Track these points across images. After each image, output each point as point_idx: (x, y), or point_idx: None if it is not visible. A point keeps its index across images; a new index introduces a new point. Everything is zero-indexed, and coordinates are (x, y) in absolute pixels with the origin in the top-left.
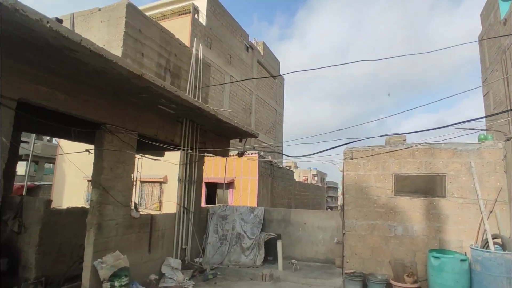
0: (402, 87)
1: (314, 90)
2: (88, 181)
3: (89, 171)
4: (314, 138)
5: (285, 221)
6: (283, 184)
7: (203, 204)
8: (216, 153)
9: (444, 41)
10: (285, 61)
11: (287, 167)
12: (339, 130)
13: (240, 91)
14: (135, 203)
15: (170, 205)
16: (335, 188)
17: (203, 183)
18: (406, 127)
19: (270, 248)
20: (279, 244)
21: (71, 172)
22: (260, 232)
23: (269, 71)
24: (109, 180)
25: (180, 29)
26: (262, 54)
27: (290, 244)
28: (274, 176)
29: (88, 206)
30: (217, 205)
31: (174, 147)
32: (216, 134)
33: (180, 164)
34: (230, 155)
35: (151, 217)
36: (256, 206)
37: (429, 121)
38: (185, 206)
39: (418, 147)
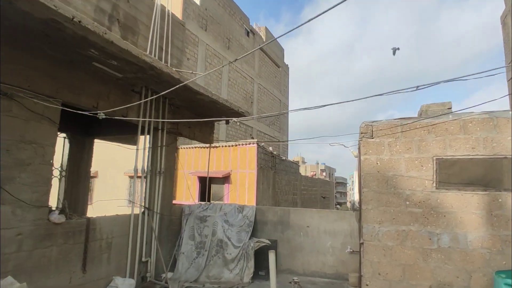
0: (410, 81)
1: (322, 87)
2: None
3: None
4: (322, 134)
5: (282, 224)
6: (287, 178)
7: (196, 201)
8: (195, 137)
9: (453, 36)
10: (291, 58)
11: (295, 162)
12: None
13: (240, 79)
14: (63, 203)
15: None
16: (343, 184)
17: (197, 177)
18: None
19: (262, 260)
20: (271, 257)
21: None
22: (250, 239)
23: (272, 58)
24: (5, 168)
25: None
26: (264, 40)
27: (290, 254)
28: (276, 169)
29: None
30: (196, 203)
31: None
32: (196, 114)
33: (137, 149)
34: (216, 141)
35: (87, 221)
36: (255, 203)
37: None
38: (147, 206)
39: (473, 117)
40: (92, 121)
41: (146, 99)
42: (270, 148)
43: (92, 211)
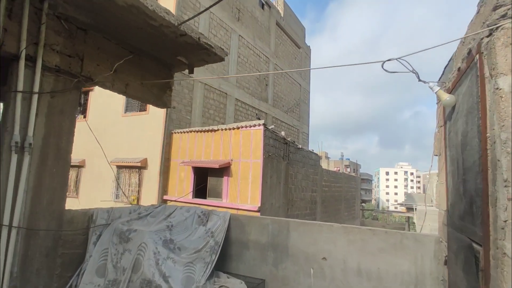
0: (435, 76)
1: (346, 84)
2: None
3: None
4: (345, 129)
5: (276, 248)
6: (305, 172)
7: (190, 199)
8: (129, 93)
9: None
10: (316, 55)
11: (314, 152)
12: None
13: (253, 57)
14: None
15: (150, 197)
16: (369, 180)
17: (191, 168)
18: None
19: None
20: None
21: None
22: (211, 277)
23: (291, 37)
24: None
25: None
26: (282, 15)
27: None
28: (290, 159)
29: None
30: (118, 206)
31: None
32: (128, 50)
33: None
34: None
35: None
36: (259, 201)
37: None
38: None
39: None
40: None
41: None
42: (283, 133)
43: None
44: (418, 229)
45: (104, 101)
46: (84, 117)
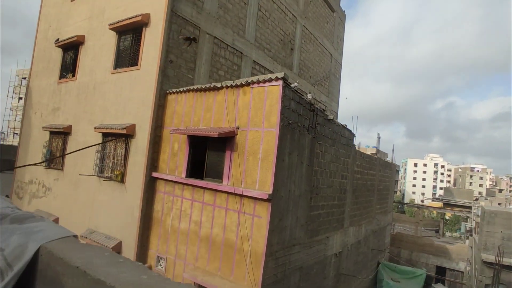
0: (471, 68)
1: (375, 72)
2: (50, 132)
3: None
4: (373, 119)
5: None
6: (335, 152)
7: (184, 178)
8: None
9: None
10: (346, 41)
11: (348, 128)
12: None
13: (277, 13)
14: None
15: (136, 173)
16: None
17: (187, 138)
18: (479, 110)
19: None
20: None
21: (37, 123)
22: None
23: None
24: None
25: None
26: None
27: None
28: (317, 133)
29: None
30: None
31: None
32: None
33: None
34: None
35: None
36: (271, 187)
37: (506, 105)
38: None
39: None
40: None
41: None
42: (309, 96)
43: (61, 182)
44: (486, 236)
45: (94, 56)
46: (73, 76)
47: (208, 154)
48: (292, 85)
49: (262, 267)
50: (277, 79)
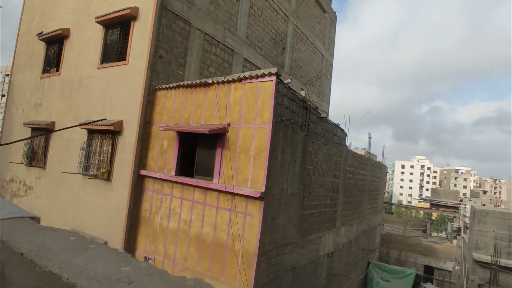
0: (455, 74)
1: (363, 75)
2: (32, 128)
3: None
4: (361, 122)
5: None
6: (327, 151)
7: (173, 176)
8: None
9: (506, 32)
10: (336, 44)
11: (340, 127)
12: None
13: (269, 12)
14: None
15: (123, 171)
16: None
17: (176, 135)
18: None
19: None
20: None
21: (19, 119)
22: None
23: None
24: None
25: None
26: None
27: None
28: (310, 130)
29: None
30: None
31: None
32: None
33: None
34: None
35: None
36: (264, 185)
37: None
38: None
39: None
40: None
41: None
42: (303, 92)
43: (43, 180)
44: (478, 235)
45: (80, 50)
46: (57, 70)
47: (198, 152)
48: (285, 81)
49: (255, 267)
50: (270, 74)
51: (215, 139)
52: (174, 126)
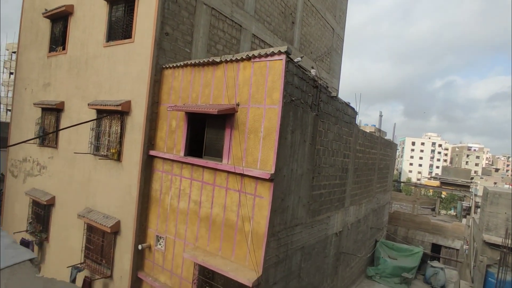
0: (471, 47)
1: (374, 50)
2: (42, 108)
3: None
4: (371, 98)
5: None
6: (337, 130)
7: (182, 157)
8: None
9: None
10: (347, 17)
11: (350, 106)
12: None
13: None
14: None
15: (133, 152)
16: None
17: (185, 115)
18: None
19: None
20: None
21: (28, 99)
22: None
23: None
24: None
25: None
26: None
27: None
28: (320, 110)
29: None
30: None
31: None
32: None
33: None
34: None
35: None
36: (273, 166)
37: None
38: None
39: None
40: None
41: None
42: (313, 71)
43: (55, 160)
44: (489, 216)
45: (85, 28)
46: (63, 49)
47: (207, 132)
48: (295, 60)
49: (264, 247)
50: (280, 53)
51: (224, 119)
52: (182, 106)
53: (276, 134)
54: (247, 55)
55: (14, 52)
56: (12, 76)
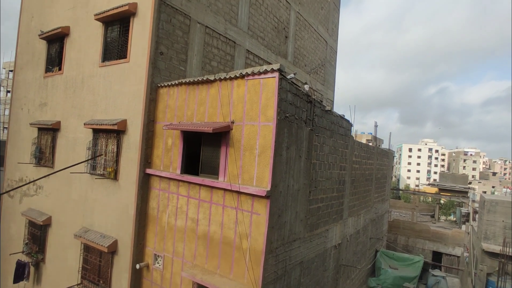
0: (463, 54)
1: (368, 59)
2: (38, 128)
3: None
4: (367, 106)
5: None
6: (333, 143)
7: (178, 174)
8: None
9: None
10: (340, 28)
11: (345, 118)
12: None
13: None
14: None
15: (130, 170)
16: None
17: (180, 133)
18: (472, 95)
19: None
20: None
21: (24, 118)
22: None
23: None
24: None
25: None
26: None
27: None
28: (315, 125)
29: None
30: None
31: None
32: None
33: None
34: None
35: None
36: (269, 183)
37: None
38: None
39: None
40: None
41: None
42: (306, 87)
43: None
44: (487, 225)
45: (81, 49)
46: (60, 69)
47: (203, 150)
48: (288, 77)
49: (262, 264)
50: (272, 71)
51: (219, 137)
52: (177, 125)
53: (271, 151)
54: (241, 73)
55: (11, 71)
56: (9, 95)
